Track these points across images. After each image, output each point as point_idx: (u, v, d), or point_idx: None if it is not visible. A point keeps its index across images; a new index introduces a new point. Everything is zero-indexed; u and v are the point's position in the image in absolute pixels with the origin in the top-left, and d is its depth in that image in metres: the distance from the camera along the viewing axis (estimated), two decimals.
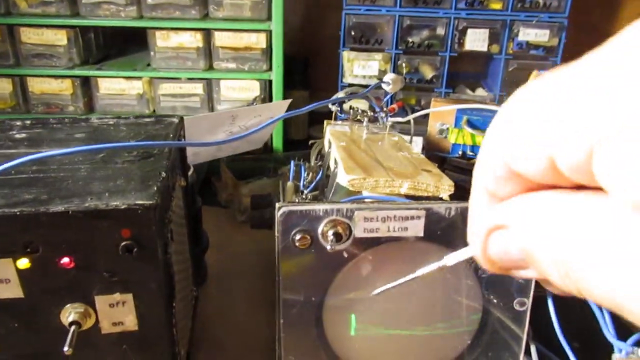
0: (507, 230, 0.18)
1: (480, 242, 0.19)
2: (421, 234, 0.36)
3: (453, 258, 0.25)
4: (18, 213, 0.32)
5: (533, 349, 0.40)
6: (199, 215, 0.63)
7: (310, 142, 0.74)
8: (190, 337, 0.51)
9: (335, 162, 0.50)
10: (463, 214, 0.36)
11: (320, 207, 0.35)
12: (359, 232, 0.36)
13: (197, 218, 0.62)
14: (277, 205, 0.36)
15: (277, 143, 0.99)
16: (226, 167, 0.82)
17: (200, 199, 0.64)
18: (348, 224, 0.36)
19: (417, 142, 0.75)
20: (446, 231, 0.37)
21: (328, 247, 0.35)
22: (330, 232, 0.35)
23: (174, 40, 0.92)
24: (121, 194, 0.35)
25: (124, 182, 0.37)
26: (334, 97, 0.69)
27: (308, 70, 1.16)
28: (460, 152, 0.65)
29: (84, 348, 0.37)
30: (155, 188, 0.36)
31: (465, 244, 0.28)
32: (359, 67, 1.04)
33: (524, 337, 0.40)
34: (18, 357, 0.37)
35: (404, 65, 1.03)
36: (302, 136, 1.10)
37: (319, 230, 0.36)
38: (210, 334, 0.56)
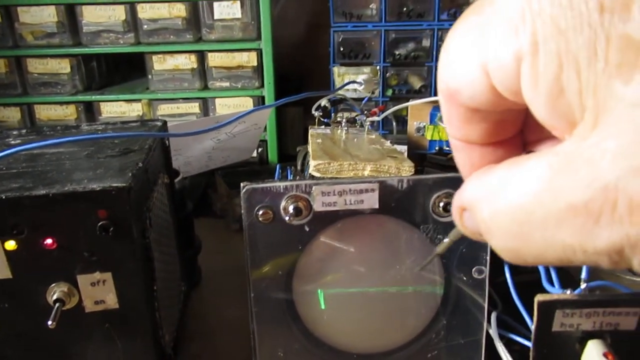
0: (468, 212, 0.19)
1: (457, 222, 0.20)
2: (377, 206, 0.39)
3: (443, 246, 0.29)
4: (4, 197, 0.36)
5: (493, 316, 0.42)
6: (190, 219, 0.66)
7: (298, 148, 0.77)
8: (179, 327, 0.53)
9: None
10: (415, 187, 0.39)
11: (281, 184, 0.38)
12: (318, 206, 0.39)
13: (188, 221, 0.65)
14: (241, 184, 0.39)
15: (272, 157, 1.02)
16: (221, 179, 0.86)
17: (191, 204, 0.67)
18: (307, 199, 0.39)
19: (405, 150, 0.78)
20: (400, 203, 0.39)
21: (287, 219, 0.38)
22: (291, 207, 0.38)
23: (170, 63, 0.98)
24: (99, 180, 0.38)
25: (103, 171, 0.40)
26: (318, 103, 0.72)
27: (302, 88, 1.20)
28: (437, 148, 0.67)
29: (70, 327, 0.40)
30: (130, 174, 0.39)
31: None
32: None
33: (486, 305, 0.42)
34: (8, 337, 0.40)
35: (392, 77, 1.06)
36: (296, 151, 1.13)
37: (281, 206, 0.39)
38: (202, 327, 0.59)
